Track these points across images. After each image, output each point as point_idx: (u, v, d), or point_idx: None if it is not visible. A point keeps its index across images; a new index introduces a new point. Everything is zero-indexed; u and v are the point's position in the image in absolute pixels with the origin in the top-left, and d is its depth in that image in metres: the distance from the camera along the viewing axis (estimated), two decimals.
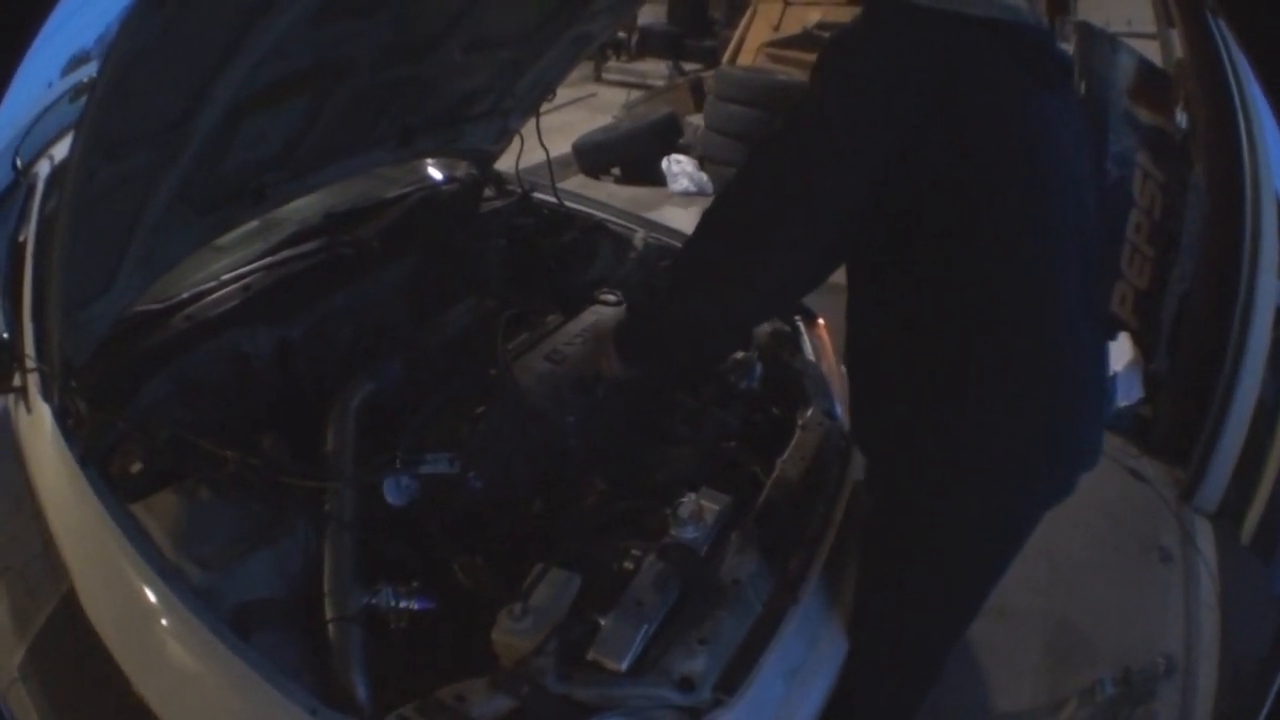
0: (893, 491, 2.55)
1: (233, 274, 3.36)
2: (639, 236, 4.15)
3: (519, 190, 4.41)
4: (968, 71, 2.10)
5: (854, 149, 2.11)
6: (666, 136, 10.58)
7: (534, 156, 4.30)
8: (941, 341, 2.25)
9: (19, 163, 3.86)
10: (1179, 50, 5.83)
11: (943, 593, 2.60)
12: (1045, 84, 2.20)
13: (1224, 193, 5.09)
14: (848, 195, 2.12)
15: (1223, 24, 4.82)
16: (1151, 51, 6.21)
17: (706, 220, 2.34)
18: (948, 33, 2.11)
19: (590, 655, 2.21)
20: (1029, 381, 2.26)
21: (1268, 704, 2.44)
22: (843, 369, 3.40)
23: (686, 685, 2.18)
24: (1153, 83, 6.02)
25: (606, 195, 8.85)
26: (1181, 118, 5.86)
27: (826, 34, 10.30)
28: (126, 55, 2.03)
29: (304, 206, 3.74)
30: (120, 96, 2.11)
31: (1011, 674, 3.90)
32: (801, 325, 3.67)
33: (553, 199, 4.38)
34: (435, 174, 4.54)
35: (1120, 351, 5.52)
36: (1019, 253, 2.19)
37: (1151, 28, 6.36)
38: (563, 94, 4.34)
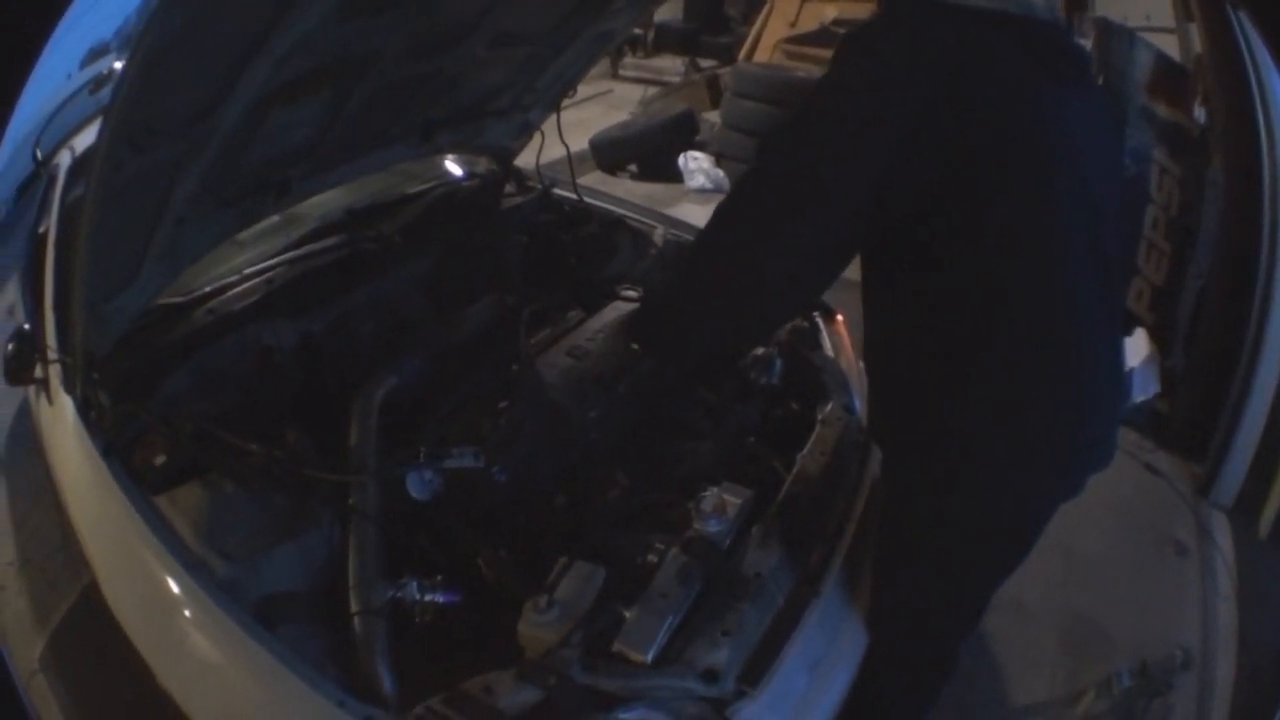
0: (904, 484, 2.56)
1: (255, 268, 3.38)
2: (659, 233, 4.17)
3: (539, 186, 4.42)
4: (976, 66, 2.10)
5: (862, 142, 2.11)
6: (683, 133, 10.56)
7: (553, 152, 4.30)
8: (951, 337, 2.26)
9: (39, 154, 3.87)
10: (1198, 45, 5.81)
11: (953, 586, 2.61)
12: (1058, 79, 2.20)
13: (1243, 188, 5.07)
14: (856, 188, 2.12)
15: (1243, 17, 4.81)
16: (1170, 46, 6.19)
17: (719, 211, 2.34)
18: (959, 28, 2.11)
19: (615, 647, 2.23)
20: (1037, 379, 2.27)
21: None
22: (861, 364, 3.42)
23: (710, 676, 2.19)
24: (1171, 78, 6.00)
25: (623, 192, 8.85)
26: (1200, 113, 5.84)
27: (843, 30, 10.32)
28: (154, 47, 2.04)
29: (325, 201, 3.75)
30: (147, 88, 2.12)
31: (1029, 667, 3.91)
32: (820, 321, 3.68)
33: (573, 195, 4.38)
34: (455, 170, 4.56)
35: (1136, 347, 5.50)
36: (1027, 249, 2.19)
37: (1170, 22, 6.33)
38: (580, 90, 4.34)
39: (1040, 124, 2.17)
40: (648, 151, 10.46)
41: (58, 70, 4.18)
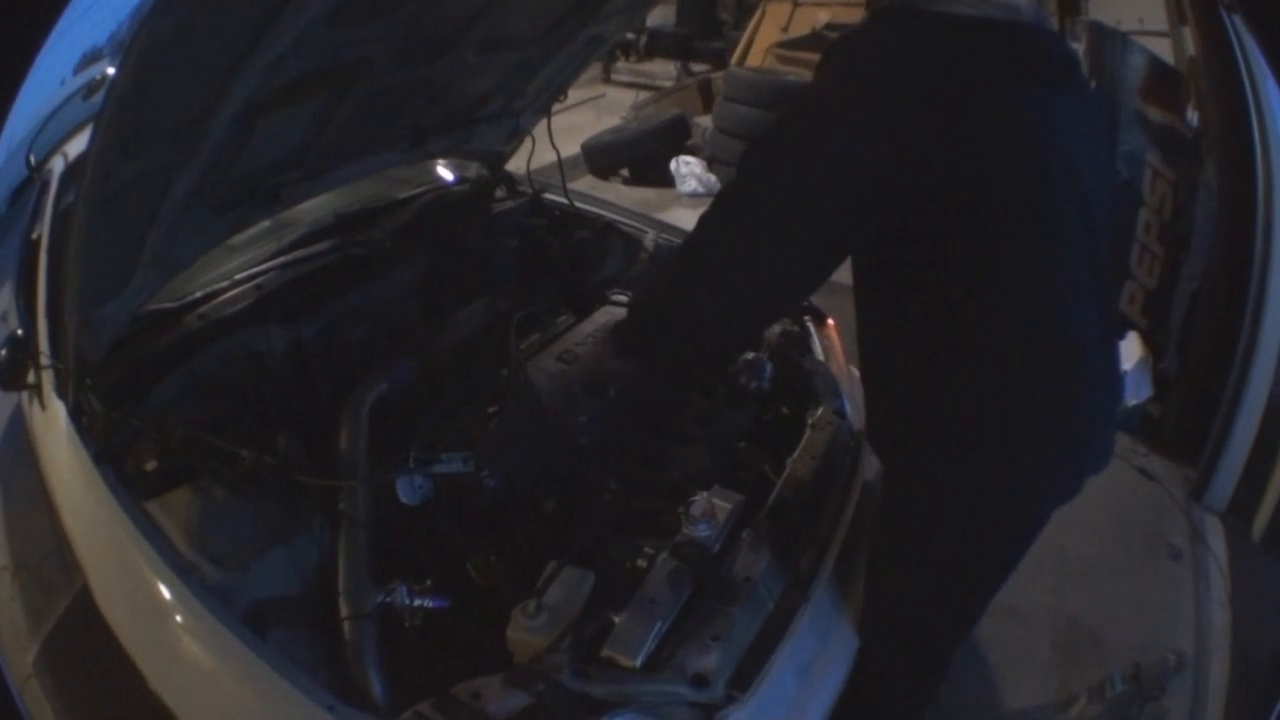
0: (902, 489, 2.57)
1: (246, 274, 3.38)
2: (650, 237, 4.17)
3: (530, 191, 4.42)
4: (961, 72, 2.10)
5: (845, 149, 2.11)
6: (675, 138, 10.58)
7: (544, 157, 4.30)
8: (946, 342, 2.27)
9: (32, 160, 3.87)
10: (1191, 48, 5.82)
11: (948, 590, 2.61)
12: (1046, 84, 2.20)
13: (1236, 191, 5.08)
14: (840, 193, 2.12)
15: (1237, 20, 4.82)
16: (1163, 50, 6.20)
17: (705, 216, 2.34)
18: (942, 34, 2.11)
19: (604, 652, 2.22)
20: (1035, 382, 2.28)
21: None
22: (852, 369, 3.42)
23: (700, 682, 2.19)
24: (1164, 81, 6.01)
25: (615, 196, 8.82)
26: (1193, 116, 5.85)
27: (835, 35, 10.34)
28: (145, 53, 2.04)
29: (316, 207, 3.76)
30: (138, 94, 2.12)
31: (1022, 671, 3.91)
32: (811, 326, 3.69)
33: (564, 200, 4.39)
34: (446, 175, 4.57)
35: (1129, 350, 5.52)
36: (1021, 253, 2.19)
37: (1163, 26, 6.34)
38: (571, 95, 4.34)
39: (1029, 128, 2.17)
40: (640, 156, 10.49)
41: (51, 76, 4.18)
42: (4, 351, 2.76)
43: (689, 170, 10.07)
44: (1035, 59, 2.20)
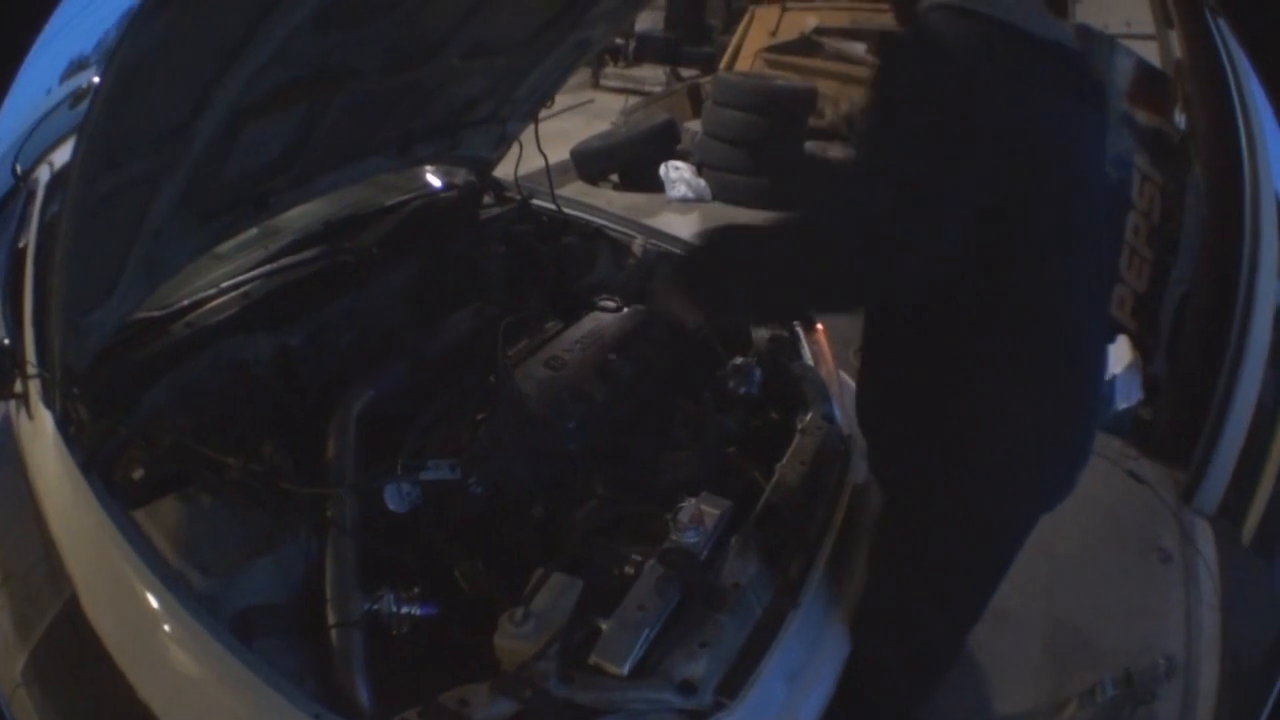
0: (899, 484, 2.58)
1: (233, 281, 3.38)
2: (638, 243, 4.17)
3: (518, 197, 4.42)
4: (1029, 85, 2.16)
5: (966, 146, 2.11)
6: (664, 143, 10.57)
7: (532, 163, 4.30)
8: (954, 343, 2.31)
9: (19, 169, 3.86)
10: (1178, 51, 5.83)
11: (947, 591, 2.63)
12: (1083, 102, 2.29)
13: (1223, 193, 5.09)
14: (969, 199, 2.13)
15: (1223, 24, 4.83)
16: (1150, 53, 6.21)
17: (816, 207, 2.28)
18: (1017, 47, 2.16)
19: (592, 659, 2.22)
20: (1039, 383, 2.32)
21: (1269, 704, 2.44)
22: (842, 374, 3.42)
23: (688, 688, 2.18)
24: (1151, 84, 6.03)
25: (605, 202, 8.82)
26: (1180, 119, 5.86)
27: (824, 39, 10.34)
28: (129, 61, 2.04)
29: (303, 214, 3.75)
30: (122, 103, 2.12)
31: (1012, 676, 3.90)
32: (800, 331, 3.68)
33: (551, 206, 4.38)
34: (434, 181, 4.56)
35: (1119, 354, 5.52)
36: (1037, 260, 2.24)
37: (1150, 29, 6.36)
38: (560, 100, 4.34)
39: (1065, 142, 2.24)
40: (629, 161, 10.48)
41: (37, 84, 4.17)
42: None
43: (678, 175, 10.06)
44: (1078, 80, 2.29)
